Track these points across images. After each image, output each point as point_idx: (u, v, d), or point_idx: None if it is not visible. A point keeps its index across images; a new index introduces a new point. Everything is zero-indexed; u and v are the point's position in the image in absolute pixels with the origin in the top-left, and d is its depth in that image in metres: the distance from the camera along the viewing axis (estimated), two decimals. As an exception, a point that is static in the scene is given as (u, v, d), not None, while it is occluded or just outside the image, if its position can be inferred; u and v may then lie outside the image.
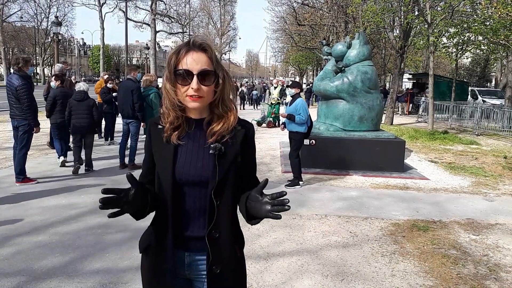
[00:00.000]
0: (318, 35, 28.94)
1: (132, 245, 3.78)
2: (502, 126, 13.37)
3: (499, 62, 28.61)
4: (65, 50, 67.30)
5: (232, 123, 1.40)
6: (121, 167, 6.92)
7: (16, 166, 5.69)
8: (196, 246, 1.41)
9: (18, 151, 5.68)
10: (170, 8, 32.52)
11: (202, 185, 1.37)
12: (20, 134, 5.65)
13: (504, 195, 6.04)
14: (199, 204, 1.39)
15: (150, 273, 1.46)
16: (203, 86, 1.32)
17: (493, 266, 3.63)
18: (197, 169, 1.37)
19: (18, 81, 5.48)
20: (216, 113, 1.40)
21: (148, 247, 1.46)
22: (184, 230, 1.41)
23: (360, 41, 7.67)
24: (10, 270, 3.25)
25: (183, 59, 1.33)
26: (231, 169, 1.39)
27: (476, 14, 13.72)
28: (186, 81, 1.32)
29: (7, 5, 38.83)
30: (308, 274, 3.36)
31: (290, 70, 73.21)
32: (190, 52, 1.33)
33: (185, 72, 1.31)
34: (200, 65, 1.32)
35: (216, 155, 1.36)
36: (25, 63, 5.66)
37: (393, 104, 16.58)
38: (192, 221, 1.40)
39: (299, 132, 6.13)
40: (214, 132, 1.38)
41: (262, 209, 1.29)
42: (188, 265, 1.45)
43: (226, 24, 50.24)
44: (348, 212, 5.00)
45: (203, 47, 1.34)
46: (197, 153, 1.39)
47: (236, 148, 1.40)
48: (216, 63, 1.36)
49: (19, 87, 5.46)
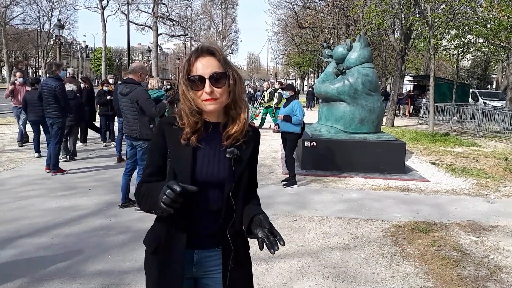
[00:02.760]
0: (319, 37, 29.03)
1: (134, 246, 3.80)
2: (503, 128, 13.35)
3: (500, 64, 28.60)
4: (67, 53, 67.51)
5: (244, 124, 1.45)
6: (117, 160, 7.58)
7: (53, 158, 6.48)
8: (207, 243, 1.47)
9: (53, 145, 6.45)
10: (171, 11, 32.65)
11: (218, 186, 1.43)
12: (54, 130, 6.45)
13: (505, 197, 6.04)
14: (213, 204, 1.45)
15: (159, 273, 1.48)
16: (216, 89, 1.37)
17: (494, 267, 3.63)
18: (214, 171, 1.43)
19: (55, 83, 6.36)
20: (231, 115, 1.45)
21: (158, 246, 1.48)
22: (196, 228, 1.45)
23: (361, 44, 7.69)
24: (13, 272, 3.26)
25: (194, 66, 1.38)
26: (245, 171, 1.48)
27: (477, 16, 13.74)
28: (199, 87, 1.37)
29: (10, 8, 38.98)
30: (309, 275, 3.38)
31: (291, 73, 73.26)
32: (199, 57, 1.38)
33: (197, 78, 1.36)
34: (210, 69, 1.36)
35: (232, 159, 1.42)
36: (57, 67, 6.56)
37: (394, 106, 16.59)
38: (205, 219, 1.45)
39: (295, 133, 6.24)
40: (230, 135, 1.43)
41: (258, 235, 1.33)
42: (196, 262, 1.48)
43: (227, 26, 50.39)
44: (349, 214, 5.01)
45: (211, 51, 1.39)
46: (214, 156, 1.45)
47: (249, 152, 1.49)
48: (226, 65, 1.41)
49: (57, 87, 6.32)
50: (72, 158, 7.67)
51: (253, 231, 1.37)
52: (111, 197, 5.33)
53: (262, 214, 1.39)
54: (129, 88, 4.79)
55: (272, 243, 1.28)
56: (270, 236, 1.30)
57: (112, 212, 4.82)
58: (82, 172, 6.80)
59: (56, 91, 6.33)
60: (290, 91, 6.48)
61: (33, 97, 7.12)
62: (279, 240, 1.28)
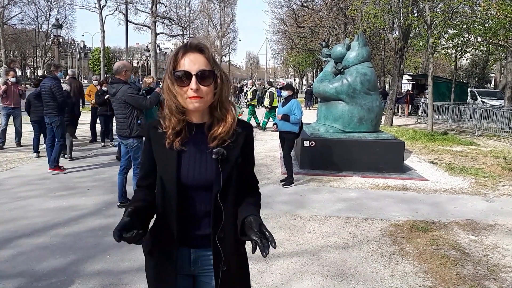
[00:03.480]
0: (318, 37, 29.01)
1: (132, 246, 3.78)
2: (501, 127, 13.37)
3: (499, 63, 28.64)
4: (66, 53, 67.34)
5: (231, 126, 1.41)
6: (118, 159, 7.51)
7: (53, 154, 6.60)
8: (202, 243, 1.46)
9: (56, 143, 6.64)
10: (170, 11, 32.55)
11: (206, 188, 1.41)
12: (54, 129, 6.63)
13: (503, 196, 6.05)
14: (204, 206, 1.43)
15: (154, 271, 1.49)
16: (202, 87, 1.33)
17: (492, 266, 3.64)
18: (201, 173, 1.40)
19: (52, 82, 6.50)
20: (216, 116, 1.41)
21: (152, 249, 1.49)
22: (189, 229, 1.45)
23: (359, 43, 7.69)
24: (11, 272, 3.26)
25: (181, 61, 1.35)
26: (234, 171, 1.43)
27: (475, 15, 13.75)
28: (185, 83, 1.33)
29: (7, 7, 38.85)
30: (308, 275, 3.38)
31: (290, 72, 73.27)
32: (187, 53, 1.35)
33: (184, 74, 1.32)
34: (198, 66, 1.33)
35: (219, 159, 1.38)
36: (56, 68, 6.73)
37: (393, 105, 16.59)
38: (197, 221, 1.45)
39: (293, 132, 6.24)
40: (215, 136, 1.39)
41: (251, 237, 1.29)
42: (193, 261, 1.49)
43: (226, 26, 50.30)
44: (347, 213, 5.02)
45: (200, 48, 1.36)
46: (200, 158, 1.42)
47: (237, 151, 1.43)
48: (214, 64, 1.38)
49: (53, 86, 6.46)
50: (71, 158, 7.76)
51: (246, 233, 1.35)
52: (110, 197, 5.33)
53: (253, 216, 1.36)
54: (115, 88, 4.83)
55: (264, 246, 1.24)
56: (263, 238, 1.26)
57: (111, 212, 4.81)
58: (80, 172, 6.79)
59: (52, 89, 6.46)
60: (288, 90, 6.47)
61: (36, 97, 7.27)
62: (270, 242, 1.25)
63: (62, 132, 6.73)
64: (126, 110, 4.77)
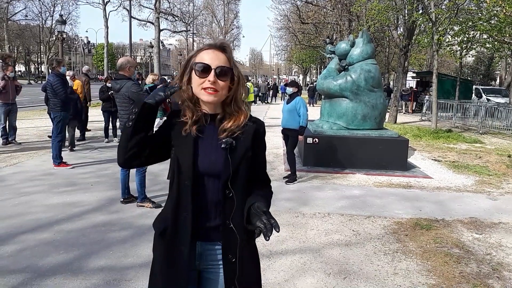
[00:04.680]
0: (322, 33, 28.90)
1: (135, 242, 3.81)
2: (506, 125, 13.29)
3: (504, 60, 28.44)
4: (70, 49, 67.55)
5: (242, 121, 1.48)
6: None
7: (54, 152, 6.69)
8: (209, 235, 1.48)
9: (53, 138, 6.71)
10: (174, 7, 32.52)
11: (215, 177, 1.46)
12: (55, 124, 6.72)
13: (507, 194, 6.02)
14: (213, 195, 1.47)
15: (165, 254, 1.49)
16: (219, 81, 1.42)
17: (496, 265, 3.62)
18: (211, 162, 1.45)
19: (53, 78, 6.62)
20: (228, 112, 1.49)
21: (165, 229, 1.49)
22: (198, 220, 1.47)
23: (363, 40, 7.65)
24: (15, 267, 3.28)
25: (204, 55, 1.45)
26: (243, 162, 1.47)
27: (481, 12, 13.64)
28: (204, 74, 1.42)
29: (12, 3, 38.97)
30: (310, 272, 3.38)
31: (294, 69, 73.10)
32: (210, 49, 1.46)
33: (204, 66, 1.42)
34: (218, 62, 1.43)
35: (227, 149, 1.44)
36: (58, 64, 6.75)
37: (397, 102, 16.53)
38: (206, 211, 1.48)
39: (296, 130, 6.23)
40: (225, 129, 1.47)
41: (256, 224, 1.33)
42: (199, 255, 1.50)
43: (229, 22, 50.16)
44: (351, 211, 5.01)
45: (223, 47, 1.47)
46: (210, 147, 1.47)
47: (247, 143, 1.49)
48: (233, 64, 1.48)
49: (54, 83, 6.57)
50: (71, 149, 8.00)
51: (251, 220, 1.38)
52: (113, 193, 5.34)
53: (259, 202, 1.40)
54: (119, 84, 4.82)
55: (267, 229, 1.28)
56: (267, 223, 1.30)
57: (114, 208, 4.83)
58: (84, 168, 6.81)
59: (53, 86, 6.55)
60: (293, 87, 6.42)
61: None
62: (274, 227, 1.28)
63: (61, 128, 6.77)
64: (130, 106, 4.77)
